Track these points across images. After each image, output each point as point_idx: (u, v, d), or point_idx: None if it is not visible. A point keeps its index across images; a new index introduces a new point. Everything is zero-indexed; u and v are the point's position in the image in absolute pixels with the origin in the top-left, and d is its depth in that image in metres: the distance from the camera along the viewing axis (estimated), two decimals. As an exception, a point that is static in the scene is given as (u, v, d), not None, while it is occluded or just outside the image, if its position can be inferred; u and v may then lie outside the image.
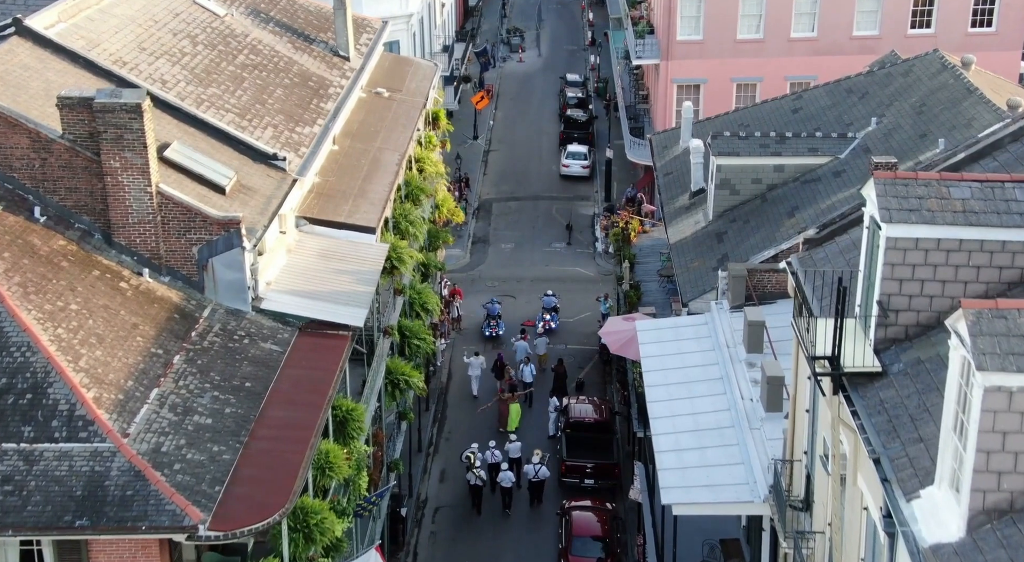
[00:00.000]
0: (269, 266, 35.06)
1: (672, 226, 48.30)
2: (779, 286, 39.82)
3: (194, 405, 28.50)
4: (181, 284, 32.86)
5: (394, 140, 46.99)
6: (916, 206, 22.74)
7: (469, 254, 73.24)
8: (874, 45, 68.79)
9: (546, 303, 65.54)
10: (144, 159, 31.53)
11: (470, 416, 56.11)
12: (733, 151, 45.71)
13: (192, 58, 41.56)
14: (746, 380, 35.43)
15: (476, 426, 54.81)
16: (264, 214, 34.65)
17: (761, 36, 69.53)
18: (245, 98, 41.23)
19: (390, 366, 41.14)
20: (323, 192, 40.74)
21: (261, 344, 31.90)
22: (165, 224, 32.42)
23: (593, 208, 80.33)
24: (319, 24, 51.57)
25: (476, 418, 55.88)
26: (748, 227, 44.25)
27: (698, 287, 42.53)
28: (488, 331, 63.50)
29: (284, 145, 39.62)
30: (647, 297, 53.92)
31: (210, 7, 46.34)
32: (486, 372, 58.49)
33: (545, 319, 64.37)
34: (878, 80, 49.68)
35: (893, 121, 45.47)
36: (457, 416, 55.96)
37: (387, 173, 43.74)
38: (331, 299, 34.89)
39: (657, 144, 56.88)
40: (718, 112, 69.40)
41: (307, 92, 44.64)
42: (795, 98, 52.65)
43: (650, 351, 38.55)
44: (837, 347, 23.04)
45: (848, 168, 44.03)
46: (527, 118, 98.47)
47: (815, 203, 42.99)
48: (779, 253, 41.01)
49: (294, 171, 38.25)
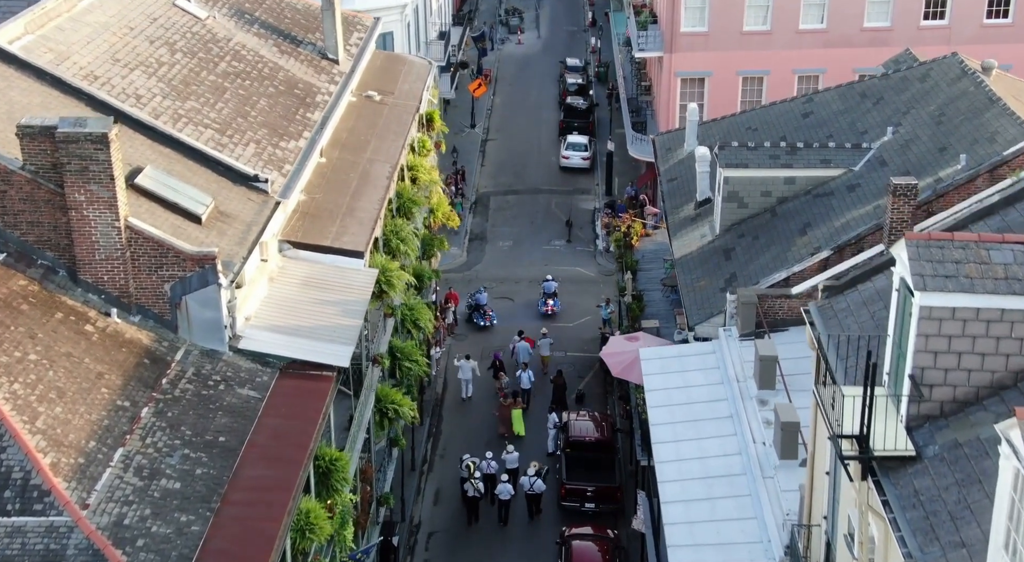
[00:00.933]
0: (249, 298, 32.83)
1: (677, 238, 46.02)
2: (791, 312, 37.67)
3: (162, 466, 26.30)
4: (153, 323, 30.63)
5: (385, 150, 44.67)
6: (953, 272, 20.51)
7: (466, 252, 70.95)
8: (886, 37, 66.46)
9: (546, 288, 64.73)
10: (111, 192, 29.25)
11: (466, 430, 53.95)
12: (741, 162, 43.44)
13: (170, 68, 39.21)
14: (758, 420, 33.27)
15: (473, 439, 52.64)
16: (243, 245, 32.39)
17: (768, 28, 67.11)
18: (226, 111, 38.91)
19: (379, 394, 38.94)
20: (308, 211, 38.46)
21: (238, 390, 29.68)
22: (135, 260, 30.18)
23: (594, 202, 77.98)
24: (307, 24, 49.18)
25: (473, 431, 53.76)
26: (757, 244, 42.00)
27: (705, 310, 40.29)
28: (480, 321, 62.37)
29: (267, 163, 37.33)
30: (650, 308, 51.77)
31: (191, 9, 43.96)
32: (478, 375, 56.68)
33: (548, 304, 63.85)
34: (893, 84, 47.31)
35: (910, 131, 43.16)
36: (452, 430, 53.78)
37: (377, 188, 41.44)
38: (315, 335, 32.66)
39: (660, 145, 54.55)
40: (723, 106, 67.56)
41: (293, 101, 42.31)
42: (805, 101, 50.27)
43: (655, 383, 36.38)
44: (866, 427, 20.82)
45: (863, 182, 41.75)
46: (526, 105, 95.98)
47: (828, 220, 40.73)
48: (791, 276, 38.77)
49: (277, 193, 35.99)
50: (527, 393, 55.77)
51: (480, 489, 48.57)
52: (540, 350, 59.03)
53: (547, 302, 64.12)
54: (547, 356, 59.21)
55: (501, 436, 53.23)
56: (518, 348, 58.31)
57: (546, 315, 63.81)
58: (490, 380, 56.60)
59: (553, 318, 63.49)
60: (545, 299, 64.42)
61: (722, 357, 36.89)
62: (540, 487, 48.22)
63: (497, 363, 57.14)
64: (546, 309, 64.01)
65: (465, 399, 56.58)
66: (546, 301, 64.26)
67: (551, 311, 63.84)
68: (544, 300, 64.41)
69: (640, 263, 55.97)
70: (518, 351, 58.23)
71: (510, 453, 50.24)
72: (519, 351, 58.20)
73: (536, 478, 48.25)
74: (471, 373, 56.57)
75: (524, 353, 58.14)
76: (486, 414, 55.21)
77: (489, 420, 54.61)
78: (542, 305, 64.34)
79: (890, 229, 36.04)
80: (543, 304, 64.30)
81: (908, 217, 35.87)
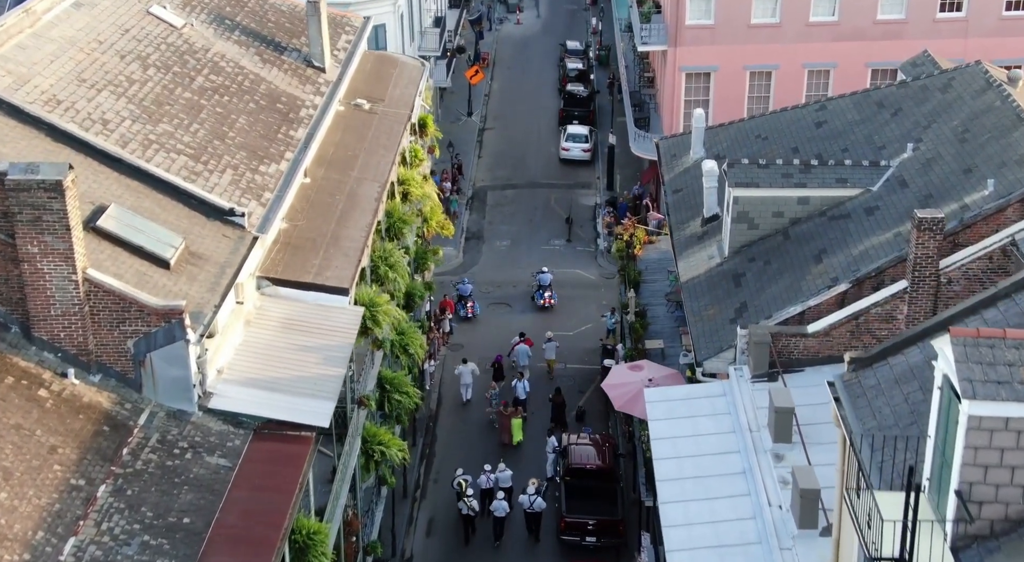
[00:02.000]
0: (222, 347, 30.29)
1: (683, 259, 43.41)
2: (807, 352, 35.14)
3: (118, 558, 23.79)
4: (115, 383, 28.09)
5: (374, 166, 42.03)
6: (1006, 377, 18.01)
7: (462, 253, 68.33)
8: (900, 30, 63.82)
9: (542, 280, 63.14)
10: (67, 243, 26.68)
11: (463, 443, 51.50)
12: (752, 181, 40.80)
13: (141, 86, 36.55)
14: (773, 479, 30.77)
15: (469, 457, 50.25)
16: (215, 291, 29.82)
17: (777, 20, 64.35)
18: (202, 133, 36.27)
19: (365, 433, 36.46)
20: (290, 241, 35.85)
21: (206, 458, 27.15)
22: (94, 315, 27.62)
23: (595, 197, 75.32)
24: (292, 27, 46.46)
25: (470, 444, 51.38)
26: (769, 270, 39.41)
27: (714, 343, 37.70)
28: (463, 311, 60.96)
29: (245, 191, 34.73)
30: (654, 325, 49.26)
31: (166, 18, 41.27)
32: (478, 375, 54.98)
33: (546, 296, 62.30)
34: (912, 94, 44.61)
35: (932, 148, 40.50)
36: (447, 451, 51.29)
37: (365, 212, 38.83)
38: (293, 388, 30.11)
39: (665, 151, 51.81)
40: (729, 101, 65.05)
41: (275, 117, 39.67)
42: (818, 109, 47.55)
43: (661, 430, 33.87)
44: (907, 553, 18.29)
45: (882, 204, 39.13)
46: (525, 90, 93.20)
47: (845, 246, 38.13)
48: (806, 310, 36.21)
49: (255, 227, 33.41)
50: (524, 402, 53.53)
51: (475, 507, 46.71)
52: (545, 353, 57.03)
53: (544, 294, 62.58)
54: (552, 360, 57.11)
55: (501, 444, 51.51)
56: (517, 351, 56.03)
57: (543, 307, 62.27)
58: (489, 383, 54.70)
59: (551, 311, 61.76)
60: (542, 291, 62.83)
61: (733, 401, 34.36)
62: (541, 505, 46.28)
63: (498, 366, 55.14)
64: (543, 302, 62.46)
65: (465, 403, 54.85)
66: (543, 293, 62.71)
67: (548, 303, 62.31)
68: (541, 292, 62.84)
69: (643, 274, 53.39)
70: (517, 354, 55.94)
71: (503, 471, 48.27)
72: (518, 354, 55.97)
73: (536, 496, 46.31)
74: (471, 377, 54.71)
75: (523, 356, 56.04)
76: (484, 424, 53.20)
77: (486, 430, 52.73)
78: (539, 298, 62.79)
79: (914, 265, 33.57)
80: (540, 296, 62.76)
81: (933, 252, 33.38)
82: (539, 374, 56.03)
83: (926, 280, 33.73)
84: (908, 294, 33.96)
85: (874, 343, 34.67)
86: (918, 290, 33.81)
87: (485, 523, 46.82)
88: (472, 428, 53.14)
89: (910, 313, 34.14)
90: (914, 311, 34.11)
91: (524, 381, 54.09)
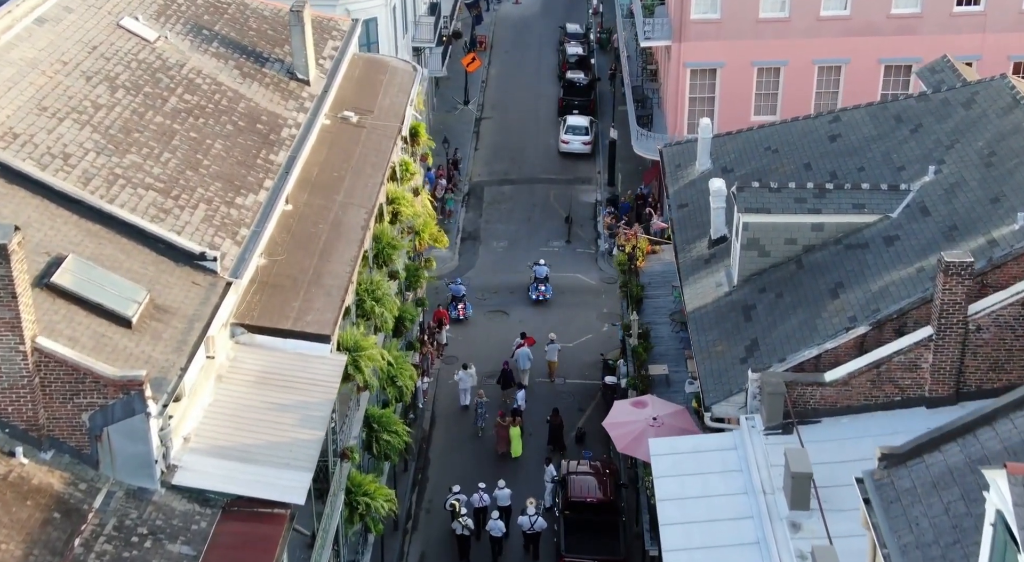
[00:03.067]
0: (190, 410, 27.84)
1: (689, 285, 40.88)
2: (824, 401, 32.71)
3: None
4: (68, 460, 25.65)
5: (361, 188, 39.46)
6: (1074, 527, 15.43)
7: (458, 255, 65.73)
8: (915, 24, 61.16)
9: (537, 272, 61.88)
10: (14, 311, 24.17)
11: (457, 468, 49.10)
12: (763, 207, 38.27)
13: (108, 112, 33.95)
14: (791, 554, 28.33)
15: (465, 475, 47.98)
16: (182, 351, 27.33)
17: (786, 15, 61.63)
18: (173, 163, 33.69)
19: (349, 484, 34.07)
20: (268, 280, 33.33)
21: (168, 547, 24.72)
22: (45, 387, 25.15)
23: (595, 194, 72.63)
24: (275, 35, 43.79)
25: (465, 465, 49.14)
26: (782, 303, 36.89)
27: (723, 385, 35.20)
28: (455, 313, 58.87)
29: (219, 229, 32.19)
30: (658, 346, 46.82)
31: (138, 31, 38.62)
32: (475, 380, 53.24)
33: (540, 290, 61.15)
34: (933, 109, 41.96)
35: (955, 171, 37.93)
36: (441, 476, 48.79)
37: (351, 242, 36.30)
38: (267, 457, 27.66)
39: (669, 160, 49.20)
40: (736, 99, 62.43)
41: (254, 140, 37.08)
42: (832, 120, 44.92)
43: (668, 489, 31.47)
44: None
45: (902, 234, 36.58)
46: (523, 76, 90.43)
47: (863, 280, 35.60)
48: (823, 354, 33.69)
49: (228, 270, 30.87)
50: (518, 416, 51.46)
51: (470, 526, 44.81)
52: (548, 355, 55.08)
53: (539, 288, 61.32)
54: (555, 362, 55.10)
55: (498, 456, 49.79)
56: (518, 354, 53.99)
57: (538, 301, 61.05)
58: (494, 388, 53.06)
59: (550, 315, 59.88)
60: (536, 284, 61.49)
61: (745, 456, 31.92)
62: (542, 525, 44.46)
63: (505, 372, 53.34)
64: (537, 295, 61.17)
65: (464, 408, 53.10)
66: (537, 287, 61.44)
67: (543, 296, 61.05)
68: (536, 285, 61.48)
69: (646, 288, 50.90)
70: (518, 357, 53.92)
71: (501, 489, 46.30)
72: (519, 357, 53.94)
73: (537, 516, 44.49)
74: (471, 383, 53.00)
75: (524, 359, 54.01)
76: (481, 439, 51.18)
77: (483, 445, 50.73)
78: (533, 291, 61.44)
79: (940, 311, 31.12)
80: (534, 289, 61.42)
81: (961, 298, 30.92)
82: (540, 379, 54.34)
83: (953, 327, 31.34)
84: (933, 342, 31.57)
85: (896, 393, 32.33)
86: (944, 338, 31.43)
87: (480, 544, 44.99)
88: (468, 444, 50.92)
89: (936, 362, 31.80)
90: (940, 360, 31.77)
91: (522, 390, 52.44)
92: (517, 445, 49.96)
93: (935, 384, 32.04)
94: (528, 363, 54.13)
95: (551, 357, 55.02)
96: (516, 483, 47.19)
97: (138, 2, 40.35)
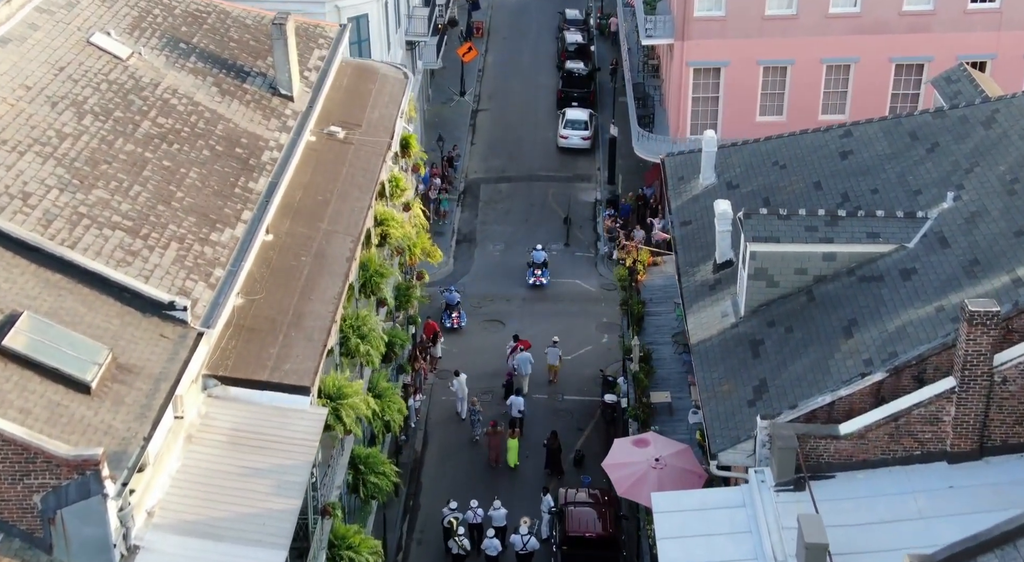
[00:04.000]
0: (156, 479, 25.77)
1: (693, 313, 38.77)
2: (839, 455, 30.65)
3: None
4: (19, 545, 23.63)
5: (347, 214, 37.30)
6: None
7: (452, 258, 63.54)
8: (928, 22, 58.95)
9: (536, 257, 61.69)
10: (-43, 388, 22.08)
11: (451, 491, 47.01)
12: (772, 236, 36.12)
13: (75, 142, 31.80)
14: (802, 632, 26.31)
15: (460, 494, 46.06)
16: (145, 418, 25.26)
17: (794, 12, 59.36)
18: (144, 197, 31.57)
19: (332, 537, 32.00)
20: (244, 323, 31.19)
21: (129, 644, 22.70)
22: (-6, 468, 23.09)
23: (595, 192, 70.38)
24: (258, 46, 41.58)
25: (459, 485, 47.35)
26: (792, 340, 34.79)
27: (730, 430, 33.09)
28: (448, 322, 57.12)
29: (191, 270, 30.08)
30: (660, 369, 44.90)
31: (110, 48, 36.46)
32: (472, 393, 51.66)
33: (536, 274, 61.04)
34: (950, 126, 39.76)
35: (975, 199, 35.78)
36: (435, 501, 46.60)
37: (335, 277, 34.15)
38: (238, 532, 25.62)
39: (671, 171, 46.97)
40: (741, 98, 60.32)
41: (233, 166, 34.94)
42: (843, 135, 42.71)
43: (672, 555, 29.37)
44: None
45: (920, 266, 34.45)
46: (521, 64, 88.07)
47: (879, 318, 33.48)
48: (837, 401, 31.61)
49: (200, 320, 28.77)
50: (520, 421, 50.02)
51: (466, 547, 43.58)
52: (548, 358, 53.50)
53: (535, 272, 61.27)
54: (555, 366, 53.53)
55: (491, 467, 48.49)
56: (519, 359, 52.26)
57: (534, 286, 60.99)
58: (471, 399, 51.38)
59: (542, 289, 60.69)
60: (533, 269, 61.33)
61: (755, 515, 29.88)
62: (534, 545, 43.14)
63: (510, 383, 51.87)
64: (534, 280, 61.12)
65: (462, 419, 51.49)
66: (534, 272, 61.28)
67: (539, 282, 61.01)
68: (532, 270, 61.35)
69: (648, 305, 48.84)
70: (520, 362, 52.35)
71: (497, 509, 44.79)
72: (521, 362, 52.37)
73: (530, 536, 43.08)
74: (466, 390, 51.33)
75: (525, 364, 52.45)
76: (477, 454, 49.43)
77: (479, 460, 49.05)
78: (530, 276, 61.32)
79: (964, 362, 29.05)
80: (531, 274, 61.33)
81: (986, 349, 28.85)
82: (536, 395, 52.53)
83: (977, 379, 29.28)
84: (956, 394, 29.49)
85: (916, 447, 30.29)
86: (968, 390, 29.39)
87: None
88: (463, 460, 49.12)
89: (958, 415, 29.76)
90: (963, 413, 29.76)
91: (521, 398, 50.71)
92: (514, 455, 48.29)
93: (957, 438, 30.01)
94: (530, 368, 52.47)
95: (552, 361, 53.43)
96: (512, 497, 45.79)
97: (110, 15, 38.16)
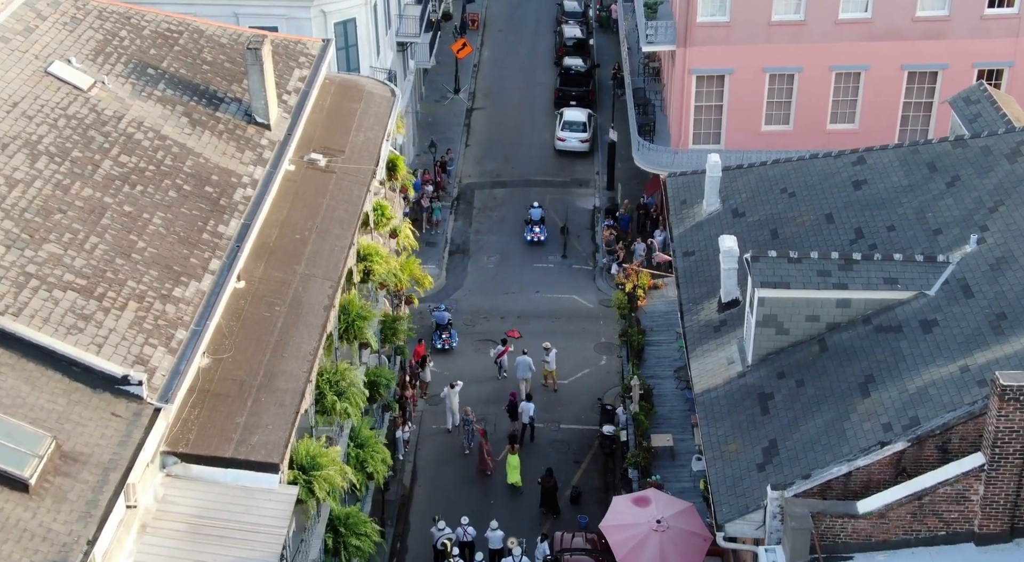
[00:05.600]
0: (106, 579, 23.33)
1: (697, 359, 36.32)
2: (857, 535, 28.21)
3: None
4: None
5: (327, 254, 34.75)
6: None
7: (445, 272, 60.94)
8: (942, 28, 56.32)
9: (533, 214, 63.23)
10: None
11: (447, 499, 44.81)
12: (782, 281, 33.65)
13: (26, 190, 29.26)
14: None
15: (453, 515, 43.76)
16: (91, 519, 22.80)
17: (802, 17, 56.62)
18: (101, 249, 29.03)
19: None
20: (209, 387, 28.69)
21: None
22: (-85, 589, 20.60)
23: (594, 199, 67.72)
24: (233, 68, 38.95)
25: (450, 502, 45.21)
26: (804, 396, 32.32)
27: (737, 498, 30.67)
28: (439, 343, 54.66)
29: (151, 333, 27.57)
30: (661, 406, 42.82)
31: (70, 78, 33.83)
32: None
33: (535, 231, 62.59)
34: (972, 158, 37.22)
35: (1000, 242, 33.27)
36: (423, 542, 44.17)
37: (311, 329, 31.63)
38: (196, 642, 23.16)
39: (673, 194, 44.47)
40: (746, 107, 57.79)
41: (202, 208, 32.40)
42: (856, 162, 40.19)
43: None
44: None
45: (941, 318, 31.96)
46: (518, 60, 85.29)
47: (899, 375, 31.02)
48: (854, 471, 29.16)
49: (157, 394, 26.27)
50: (531, 428, 48.93)
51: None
52: (548, 365, 51.86)
53: (533, 229, 62.65)
54: (551, 371, 51.73)
55: (482, 473, 47.14)
56: (519, 363, 50.57)
57: (532, 243, 62.44)
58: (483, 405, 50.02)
59: (540, 245, 62.17)
60: (531, 226, 62.75)
61: (764, 602, 27.45)
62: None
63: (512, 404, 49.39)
64: (532, 237, 62.57)
65: (448, 431, 49.68)
66: (532, 228, 62.66)
67: (537, 238, 62.46)
68: (530, 227, 62.74)
69: (648, 334, 46.41)
70: (518, 366, 50.74)
71: (494, 531, 42.93)
72: (519, 366, 50.66)
73: (523, 556, 41.34)
74: (458, 400, 49.41)
75: (524, 368, 50.63)
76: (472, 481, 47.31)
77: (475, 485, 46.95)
78: (528, 233, 62.68)
79: (994, 439, 26.62)
80: (529, 231, 62.69)
81: (1019, 425, 26.40)
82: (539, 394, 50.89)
83: (1009, 457, 26.87)
84: (985, 472, 27.06)
85: (941, 527, 27.85)
86: (998, 469, 27.09)
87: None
88: (455, 492, 46.63)
89: (987, 495, 27.43)
90: (992, 493, 27.44)
91: (531, 402, 49.12)
92: (514, 475, 46.34)
93: (986, 519, 27.65)
94: (529, 372, 50.62)
95: (552, 366, 51.76)
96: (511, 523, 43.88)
97: (72, 39, 35.55)
